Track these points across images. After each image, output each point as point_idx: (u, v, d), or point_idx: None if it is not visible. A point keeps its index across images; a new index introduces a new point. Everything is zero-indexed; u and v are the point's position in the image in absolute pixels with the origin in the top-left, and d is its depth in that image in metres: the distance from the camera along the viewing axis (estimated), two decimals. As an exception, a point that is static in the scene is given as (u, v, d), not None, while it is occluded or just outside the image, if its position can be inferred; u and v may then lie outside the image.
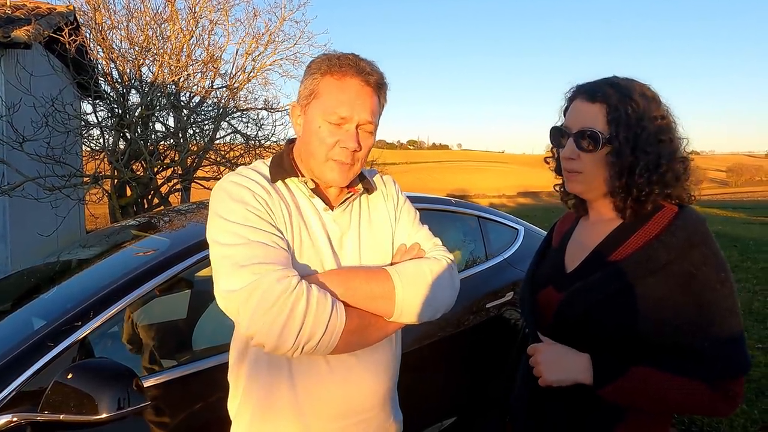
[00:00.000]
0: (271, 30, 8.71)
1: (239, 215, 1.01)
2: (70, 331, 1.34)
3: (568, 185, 1.15)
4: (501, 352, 2.57)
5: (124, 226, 2.59)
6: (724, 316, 0.97)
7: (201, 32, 8.35)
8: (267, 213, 1.03)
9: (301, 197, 1.11)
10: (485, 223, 2.72)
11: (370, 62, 1.09)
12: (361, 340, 1.05)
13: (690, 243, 0.99)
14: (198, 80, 8.30)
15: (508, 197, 59.87)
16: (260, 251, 0.98)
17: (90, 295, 1.44)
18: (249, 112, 9.19)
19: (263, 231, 1.00)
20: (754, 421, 2.92)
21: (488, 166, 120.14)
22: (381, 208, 1.20)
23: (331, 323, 0.97)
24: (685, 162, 1.09)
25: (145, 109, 7.14)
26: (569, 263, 1.16)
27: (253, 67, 8.81)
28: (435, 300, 1.10)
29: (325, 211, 1.11)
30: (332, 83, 1.06)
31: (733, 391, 0.97)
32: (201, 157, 8.30)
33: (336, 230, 1.11)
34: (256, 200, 1.03)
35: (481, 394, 2.51)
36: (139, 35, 7.50)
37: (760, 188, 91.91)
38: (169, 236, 1.99)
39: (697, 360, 0.96)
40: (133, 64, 7.50)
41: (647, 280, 0.99)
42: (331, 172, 1.07)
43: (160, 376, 1.52)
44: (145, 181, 7.32)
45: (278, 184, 1.10)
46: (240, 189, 1.05)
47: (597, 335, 1.03)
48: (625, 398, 1.00)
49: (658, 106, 1.08)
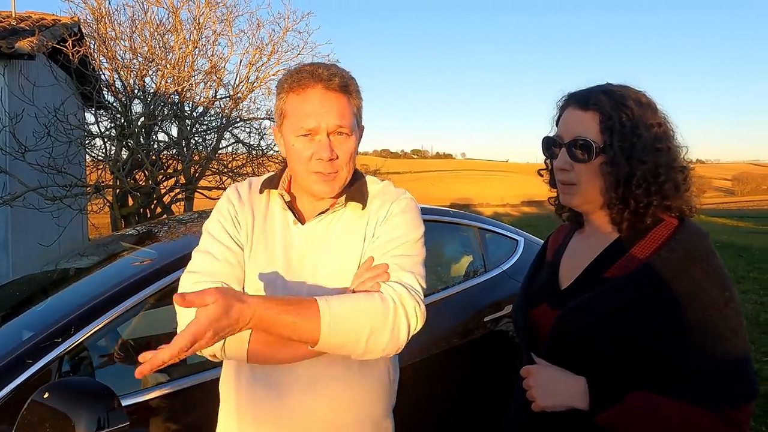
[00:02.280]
0: (275, 40, 8.75)
1: (212, 225, 1.11)
2: (50, 347, 1.30)
3: (562, 198, 1.11)
4: (499, 367, 2.52)
5: (124, 235, 2.57)
6: (728, 338, 0.92)
7: (204, 43, 8.40)
8: (232, 224, 1.10)
9: (277, 209, 1.14)
10: (484, 234, 2.68)
11: (329, 66, 1.07)
12: (270, 356, 1.02)
13: (691, 259, 0.95)
14: (201, 90, 8.34)
15: (512, 206, 59.65)
16: (204, 258, 1.06)
17: (73, 309, 1.40)
18: (252, 121, 9.21)
19: (218, 241, 1.08)
20: (761, 438, 2.85)
21: (492, 175, 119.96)
22: (359, 225, 1.11)
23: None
24: (684, 171, 1.05)
25: (148, 119, 7.17)
26: (564, 279, 1.11)
27: (257, 78, 8.85)
28: (367, 342, 0.97)
29: (294, 224, 1.10)
30: (295, 99, 1.05)
31: (737, 418, 0.90)
32: (204, 166, 8.32)
33: (300, 246, 1.09)
34: (228, 212, 1.12)
35: (478, 411, 2.45)
36: (143, 46, 7.55)
37: (767, 197, 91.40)
38: (157, 248, 1.96)
39: (699, 385, 0.91)
40: (137, 74, 7.55)
41: (645, 299, 0.94)
42: (316, 184, 1.07)
43: (145, 393, 1.48)
44: (147, 190, 7.33)
45: (263, 195, 1.14)
46: (223, 200, 1.14)
47: (593, 357, 0.98)
48: (621, 425, 0.94)
49: (654, 113, 1.04)
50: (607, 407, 0.94)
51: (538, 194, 76.91)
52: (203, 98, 8.23)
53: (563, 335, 1.02)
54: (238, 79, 8.75)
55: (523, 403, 1.07)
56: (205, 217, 2.49)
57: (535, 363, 1.08)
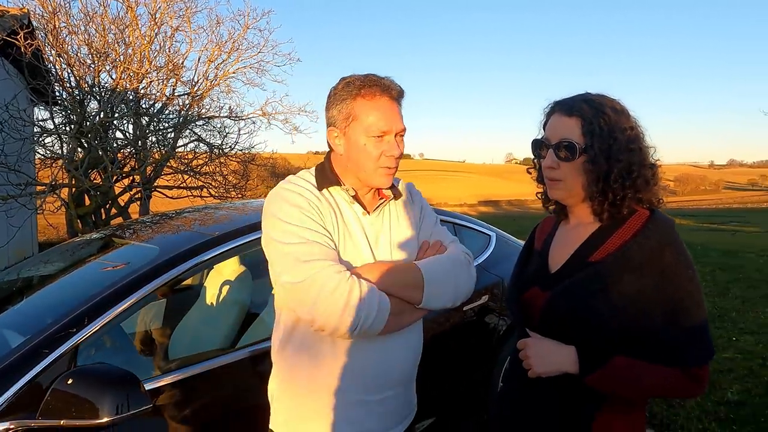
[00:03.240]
0: (235, 38, 8.63)
1: (296, 218, 1.19)
2: (66, 337, 1.32)
3: (550, 192, 1.24)
4: (478, 353, 2.66)
5: (90, 240, 2.53)
6: (692, 309, 1.07)
7: (162, 39, 8.20)
8: (319, 216, 1.21)
9: (343, 203, 1.29)
10: (460, 230, 2.81)
11: (389, 79, 1.27)
12: (398, 323, 1.23)
13: (662, 244, 1.10)
14: (160, 87, 8.13)
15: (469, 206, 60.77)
16: (317, 249, 1.16)
17: (83, 301, 1.42)
18: (213, 120, 9.05)
19: (317, 232, 1.19)
20: (707, 413, 3.12)
21: (449, 175, 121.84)
22: (408, 212, 1.39)
23: (381, 307, 1.16)
24: (653, 168, 1.20)
25: (105, 116, 6.94)
26: (553, 264, 1.25)
27: (216, 75, 8.71)
28: (456, 289, 1.32)
29: (363, 215, 1.29)
30: (366, 104, 1.23)
31: (700, 375, 1.08)
32: (161, 165, 8.12)
33: (372, 231, 1.30)
34: (309, 205, 1.21)
35: (460, 394, 2.58)
36: (98, 40, 7.30)
37: (705, 196, 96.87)
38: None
39: (670, 349, 1.07)
40: (92, 69, 7.29)
41: (624, 277, 1.08)
42: (380, 178, 1.26)
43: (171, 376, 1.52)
44: (105, 189, 7.10)
45: (324, 191, 1.27)
46: (295, 196, 1.23)
47: (581, 329, 1.11)
48: (608, 385, 1.09)
49: (627, 119, 1.19)
50: (594, 371, 1.08)
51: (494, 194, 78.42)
52: (161, 95, 8.04)
53: (554, 313, 1.15)
54: (198, 76, 8.59)
55: (519, 372, 1.21)
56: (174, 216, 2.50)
57: (530, 337, 1.21)
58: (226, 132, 9.04)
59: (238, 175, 9.76)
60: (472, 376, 2.62)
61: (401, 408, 1.37)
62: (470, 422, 2.71)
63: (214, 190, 8.97)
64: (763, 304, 5.75)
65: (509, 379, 1.31)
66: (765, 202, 66.80)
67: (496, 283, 2.74)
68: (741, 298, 6.02)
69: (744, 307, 5.62)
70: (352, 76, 1.26)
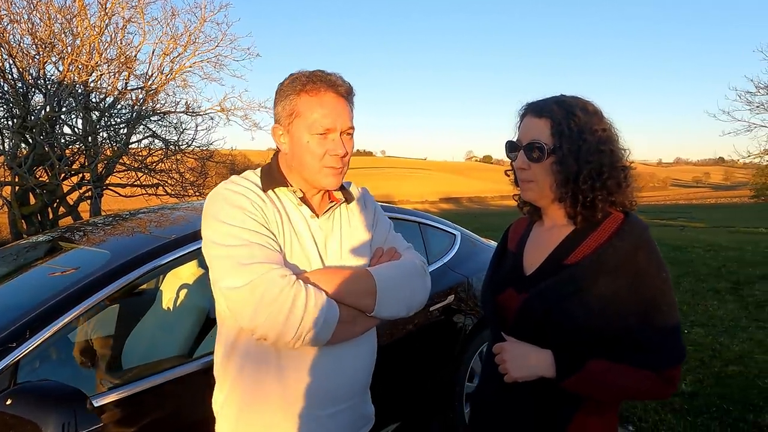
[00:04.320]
0: (191, 30, 8.38)
1: (238, 219, 1.11)
2: (4, 353, 1.20)
3: (522, 194, 1.23)
4: (444, 353, 2.64)
5: (35, 243, 2.37)
6: (665, 312, 1.07)
7: (114, 30, 7.85)
8: (263, 218, 1.13)
9: (290, 205, 1.21)
10: (426, 229, 2.79)
11: (337, 75, 1.20)
12: (348, 333, 1.16)
13: (636, 247, 1.09)
14: (111, 81, 7.78)
15: (431, 203, 61.38)
16: (259, 252, 1.08)
17: (26, 311, 1.30)
18: (168, 115, 8.75)
19: (260, 234, 1.11)
20: (663, 404, 3.22)
21: (411, 173, 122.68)
22: (360, 217, 1.32)
23: (327, 315, 1.08)
24: (625, 170, 1.19)
25: (52, 111, 6.59)
26: (528, 266, 1.23)
27: (171, 69, 8.42)
28: (411, 297, 1.26)
29: (311, 218, 1.22)
30: (310, 100, 1.16)
31: (672, 376, 1.08)
32: (114, 162, 7.79)
33: (321, 235, 1.22)
34: (253, 206, 1.13)
35: (426, 395, 2.57)
36: (43, 30, 6.91)
37: (654, 193, 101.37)
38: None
39: (644, 351, 1.06)
40: (36, 61, 6.90)
41: (599, 280, 1.07)
42: (325, 178, 1.19)
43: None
44: (51, 188, 6.75)
45: (269, 193, 1.19)
46: (238, 196, 1.15)
47: (557, 333, 1.10)
48: (584, 389, 1.08)
49: (600, 120, 1.17)
50: (571, 374, 1.07)
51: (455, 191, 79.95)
52: (112, 89, 7.70)
53: (529, 316, 1.13)
54: (152, 69, 8.28)
55: (495, 377, 1.18)
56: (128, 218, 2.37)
57: (506, 341, 1.18)
58: (182, 128, 8.77)
59: (196, 172, 9.49)
60: (437, 376, 2.61)
61: (356, 421, 1.29)
62: (437, 423, 2.69)
63: (171, 188, 8.69)
64: (711, 297, 6.04)
65: (484, 381, 1.28)
66: (708, 198, 70.63)
67: (461, 283, 2.74)
68: (691, 292, 6.29)
69: (694, 300, 5.88)
70: (299, 72, 1.19)
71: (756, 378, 3.64)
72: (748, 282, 6.80)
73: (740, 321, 5.06)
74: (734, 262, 8.38)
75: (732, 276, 7.18)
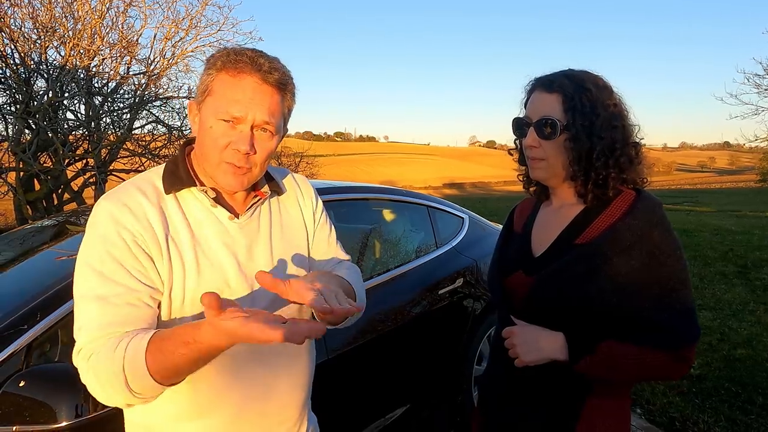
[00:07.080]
0: (192, 14, 8.27)
1: (95, 256, 0.89)
2: (15, 335, 1.19)
3: (532, 172, 1.18)
4: (453, 336, 2.64)
5: (41, 227, 2.36)
6: (680, 290, 1.04)
7: (115, 14, 7.77)
8: (128, 253, 0.90)
9: (199, 209, 1.00)
10: (434, 212, 2.77)
11: (272, 59, 0.97)
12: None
13: (650, 224, 1.05)
14: (113, 65, 7.72)
15: (434, 188, 61.24)
16: (96, 312, 0.86)
17: (36, 294, 1.29)
18: (171, 100, 8.70)
19: (112, 281, 0.88)
20: (671, 387, 3.22)
21: (414, 158, 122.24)
22: (295, 211, 1.14)
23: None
24: (637, 146, 1.15)
25: (54, 96, 6.55)
26: (536, 247, 1.19)
27: (173, 53, 8.34)
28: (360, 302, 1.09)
29: (230, 221, 1.01)
30: (227, 80, 0.95)
31: (686, 356, 1.05)
32: (117, 147, 7.77)
33: (243, 240, 1.02)
34: (119, 236, 0.90)
35: (435, 378, 2.57)
36: (44, 14, 6.84)
37: (659, 178, 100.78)
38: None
39: (659, 330, 1.03)
40: (38, 45, 6.85)
41: (613, 260, 1.04)
42: (224, 175, 0.97)
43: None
44: (56, 174, 6.74)
45: (170, 198, 0.98)
46: (107, 219, 0.91)
47: (569, 314, 1.07)
48: (598, 371, 1.05)
49: (610, 95, 1.13)
50: (583, 357, 1.04)
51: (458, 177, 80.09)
52: (115, 73, 7.64)
53: (540, 298, 1.10)
54: (154, 54, 8.21)
55: (505, 361, 1.16)
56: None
57: (514, 324, 1.16)
58: (185, 113, 8.71)
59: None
60: (446, 359, 2.61)
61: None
62: (445, 406, 2.70)
63: (175, 174, 8.65)
64: (719, 281, 6.01)
65: (493, 364, 1.26)
66: (713, 183, 70.18)
67: (470, 266, 2.72)
68: (698, 276, 6.26)
69: (702, 284, 5.85)
70: (234, 47, 0.98)
71: (765, 361, 3.63)
72: (756, 266, 6.76)
73: (748, 305, 5.04)
74: (742, 246, 8.33)
75: (740, 260, 7.14)
